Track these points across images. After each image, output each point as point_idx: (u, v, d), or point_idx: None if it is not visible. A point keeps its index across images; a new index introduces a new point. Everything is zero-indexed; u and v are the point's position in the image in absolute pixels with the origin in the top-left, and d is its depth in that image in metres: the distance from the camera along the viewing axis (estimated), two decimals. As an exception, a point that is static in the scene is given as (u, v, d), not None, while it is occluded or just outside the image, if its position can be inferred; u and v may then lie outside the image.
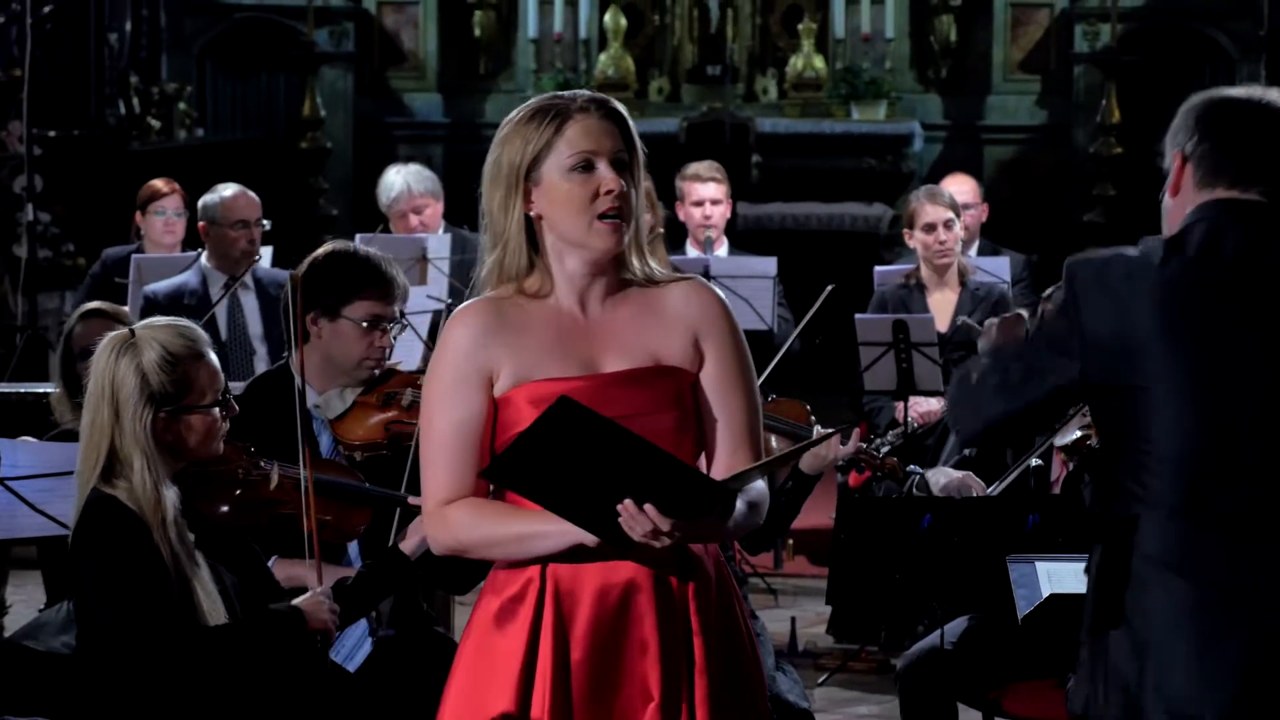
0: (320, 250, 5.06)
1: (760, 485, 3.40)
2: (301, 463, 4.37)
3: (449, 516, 3.35)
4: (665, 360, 3.38)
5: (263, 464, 4.45)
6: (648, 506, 3.16)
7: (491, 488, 3.40)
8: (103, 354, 4.19)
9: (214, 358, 4.29)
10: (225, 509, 4.40)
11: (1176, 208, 3.43)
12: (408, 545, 4.44)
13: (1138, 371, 3.31)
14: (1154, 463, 3.31)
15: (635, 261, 3.41)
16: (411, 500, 4.59)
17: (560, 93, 3.42)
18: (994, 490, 5.44)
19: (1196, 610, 3.29)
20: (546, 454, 3.14)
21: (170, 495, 4.15)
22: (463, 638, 3.42)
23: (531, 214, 3.38)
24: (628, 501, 3.16)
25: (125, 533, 4.11)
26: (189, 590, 4.13)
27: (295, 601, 4.26)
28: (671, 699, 3.29)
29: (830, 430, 3.37)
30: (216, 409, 4.24)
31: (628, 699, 3.30)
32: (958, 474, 5.51)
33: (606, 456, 3.13)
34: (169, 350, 4.18)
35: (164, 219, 8.17)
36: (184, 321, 4.33)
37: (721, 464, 3.40)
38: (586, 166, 3.34)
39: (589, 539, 3.25)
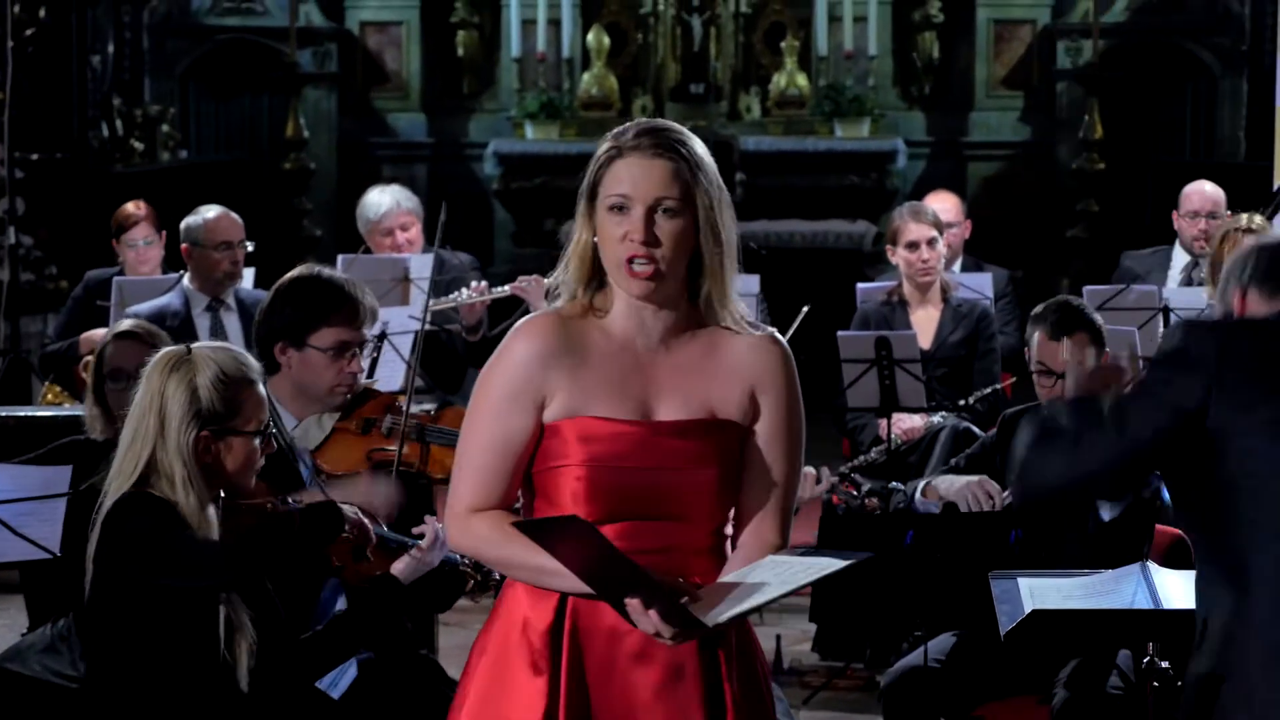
0: (285, 277, 5.03)
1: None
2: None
3: (473, 527, 3.35)
4: (720, 413, 3.34)
5: (290, 501, 4.43)
6: (652, 612, 3.14)
7: (521, 503, 3.40)
8: (156, 367, 4.20)
9: (263, 388, 4.29)
10: None
11: None
12: (400, 569, 4.42)
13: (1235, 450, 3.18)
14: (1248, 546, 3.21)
15: (712, 307, 3.35)
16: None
17: (644, 121, 3.35)
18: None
19: None
20: (567, 540, 3.13)
21: (212, 514, 4.17)
22: (476, 651, 3.40)
23: (595, 239, 3.34)
24: (636, 601, 3.14)
25: (163, 514, 4.11)
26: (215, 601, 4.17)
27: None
28: None
29: (844, 563, 3.25)
30: (258, 439, 4.24)
31: None
32: (971, 478, 5.46)
33: (614, 570, 3.13)
34: (224, 371, 4.18)
35: (135, 251, 8.15)
36: (238, 348, 4.33)
37: (748, 523, 3.37)
38: (621, 209, 3.29)
39: None
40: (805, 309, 6.18)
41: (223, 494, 4.25)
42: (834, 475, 5.49)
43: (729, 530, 3.39)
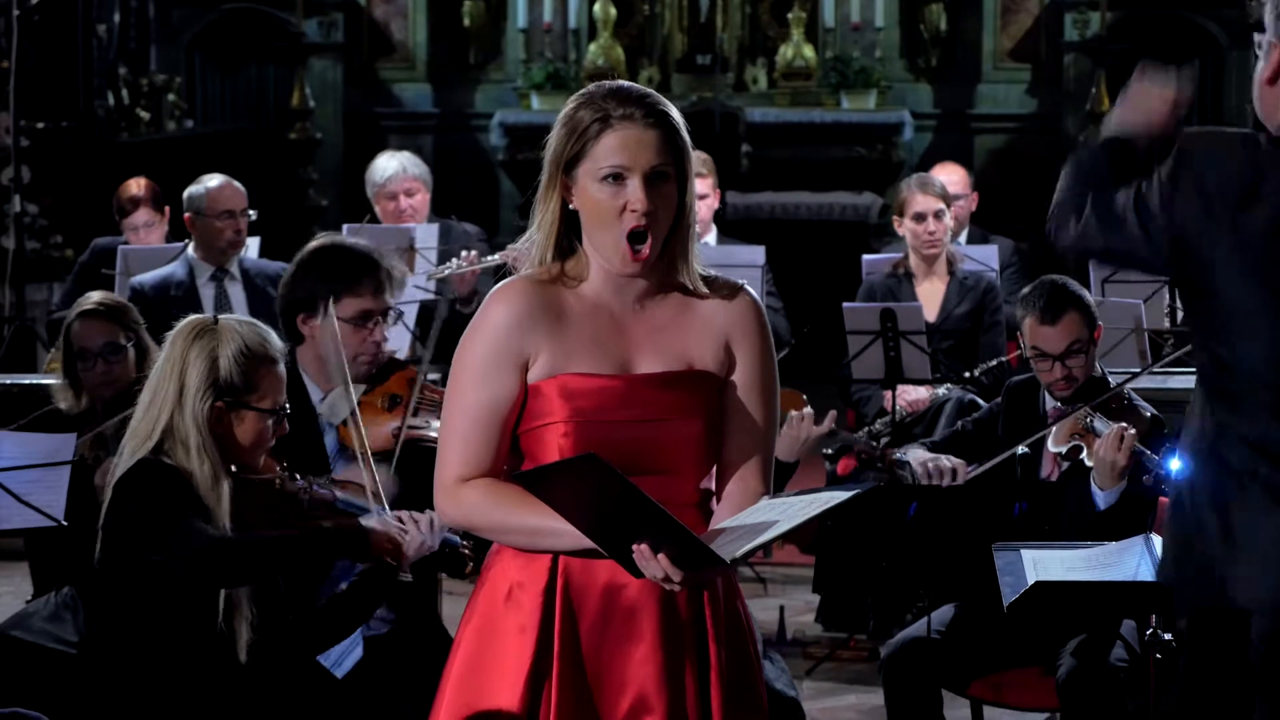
0: (307, 247, 5.01)
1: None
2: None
3: (463, 496, 3.36)
4: (698, 365, 3.38)
5: (297, 479, 4.44)
6: (661, 556, 3.14)
7: (507, 469, 3.40)
8: (181, 334, 4.24)
9: (283, 370, 4.32)
10: (258, 518, 4.39)
11: (1272, 95, 3.43)
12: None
13: (1223, 281, 3.28)
14: (1236, 374, 3.28)
15: (682, 267, 3.38)
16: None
17: (616, 87, 3.35)
18: (974, 473, 5.40)
19: None
20: (572, 487, 3.14)
21: (225, 486, 4.18)
22: (462, 622, 3.42)
23: (572, 206, 3.36)
24: (644, 546, 3.14)
25: (175, 490, 4.13)
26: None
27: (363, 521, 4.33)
28: (676, 700, 3.30)
29: (849, 494, 3.27)
30: (270, 419, 4.25)
31: (629, 697, 3.30)
32: (929, 455, 5.48)
33: (625, 510, 3.13)
34: (247, 345, 4.23)
35: (136, 234, 8.18)
36: (265, 326, 4.36)
37: (732, 473, 3.40)
38: (617, 179, 3.30)
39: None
40: (804, 330, 6.16)
41: (233, 469, 4.26)
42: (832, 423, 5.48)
43: (711, 486, 3.42)
